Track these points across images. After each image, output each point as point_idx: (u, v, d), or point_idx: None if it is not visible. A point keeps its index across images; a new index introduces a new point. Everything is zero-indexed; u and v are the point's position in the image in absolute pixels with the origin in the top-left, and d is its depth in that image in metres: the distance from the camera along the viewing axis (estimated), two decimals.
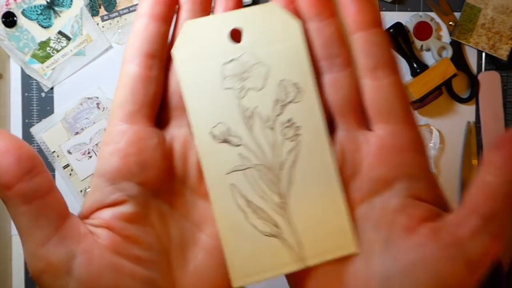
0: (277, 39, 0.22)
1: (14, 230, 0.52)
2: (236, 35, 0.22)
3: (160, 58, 0.22)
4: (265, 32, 0.22)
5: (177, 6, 0.22)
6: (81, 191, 0.53)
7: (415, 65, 0.54)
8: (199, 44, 0.22)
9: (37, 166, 0.19)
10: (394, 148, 0.21)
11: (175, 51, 0.22)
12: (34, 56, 0.52)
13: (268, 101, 0.22)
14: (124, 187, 0.21)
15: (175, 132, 0.22)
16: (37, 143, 0.53)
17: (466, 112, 0.57)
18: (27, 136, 0.53)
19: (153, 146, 0.21)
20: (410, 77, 0.55)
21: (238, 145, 0.22)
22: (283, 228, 0.22)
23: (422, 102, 0.53)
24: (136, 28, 0.21)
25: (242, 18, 0.22)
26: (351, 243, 0.21)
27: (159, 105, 0.22)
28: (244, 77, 0.22)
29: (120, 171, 0.21)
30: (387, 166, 0.21)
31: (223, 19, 0.22)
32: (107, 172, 0.21)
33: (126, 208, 0.21)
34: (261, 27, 0.22)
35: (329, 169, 0.22)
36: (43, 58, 0.52)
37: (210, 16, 0.22)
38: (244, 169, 0.22)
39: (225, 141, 0.22)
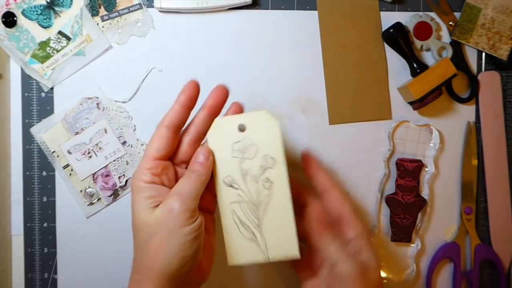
0: (264, 131, 0.40)
1: (14, 230, 0.52)
2: (242, 128, 0.40)
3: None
4: (257, 127, 0.40)
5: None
6: (81, 191, 0.52)
7: (415, 65, 0.54)
8: (222, 132, 0.41)
9: None
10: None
11: (209, 136, 0.41)
12: (34, 56, 0.52)
13: (256, 166, 0.40)
14: None
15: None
16: (37, 143, 0.53)
17: (466, 112, 0.57)
18: (27, 136, 0.53)
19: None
20: (410, 77, 0.55)
21: (237, 189, 0.40)
22: (258, 237, 0.40)
23: (422, 102, 0.53)
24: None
25: (246, 118, 0.41)
26: (296, 252, 0.40)
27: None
28: (244, 151, 0.40)
29: None
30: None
31: (235, 119, 0.41)
32: None
33: None
34: (255, 124, 0.40)
35: (287, 206, 0.40)
36: (43, 58, 0.52)
37: (228, 116, 0.42)
38: (240, 202, 0.40)
39: (231, 186, 0.40)
